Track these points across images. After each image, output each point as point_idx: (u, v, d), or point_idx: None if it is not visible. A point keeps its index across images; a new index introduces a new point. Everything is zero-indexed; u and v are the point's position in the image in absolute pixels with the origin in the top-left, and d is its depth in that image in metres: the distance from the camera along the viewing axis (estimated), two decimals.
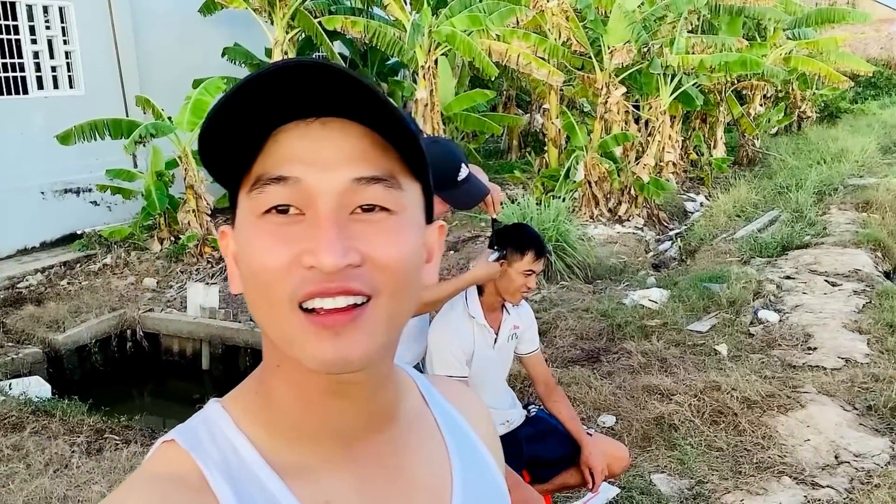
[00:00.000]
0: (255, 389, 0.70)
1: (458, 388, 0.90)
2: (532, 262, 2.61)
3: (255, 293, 0.63)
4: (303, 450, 0.68)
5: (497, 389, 2.88)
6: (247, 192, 0.63)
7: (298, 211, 0.61)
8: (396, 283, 0.63)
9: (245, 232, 0.63)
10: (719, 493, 3.54)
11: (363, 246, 0.61)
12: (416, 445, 0.75)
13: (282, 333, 0.63)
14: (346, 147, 0.61)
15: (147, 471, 0.65)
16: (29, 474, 3.87)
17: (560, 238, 7.49)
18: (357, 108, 0.60)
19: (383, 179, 0.62)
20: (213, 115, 0.60)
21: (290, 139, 0.61)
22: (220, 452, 0.66)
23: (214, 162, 0.65)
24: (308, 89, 0.59)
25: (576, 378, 4.78)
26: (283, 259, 0.60)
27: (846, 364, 4.92)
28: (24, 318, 7.02)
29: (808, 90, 17.62)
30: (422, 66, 9.87)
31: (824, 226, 8.84)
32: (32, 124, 9.22)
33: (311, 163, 0.61)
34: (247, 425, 0.68)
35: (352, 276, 0.60)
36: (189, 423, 0.69)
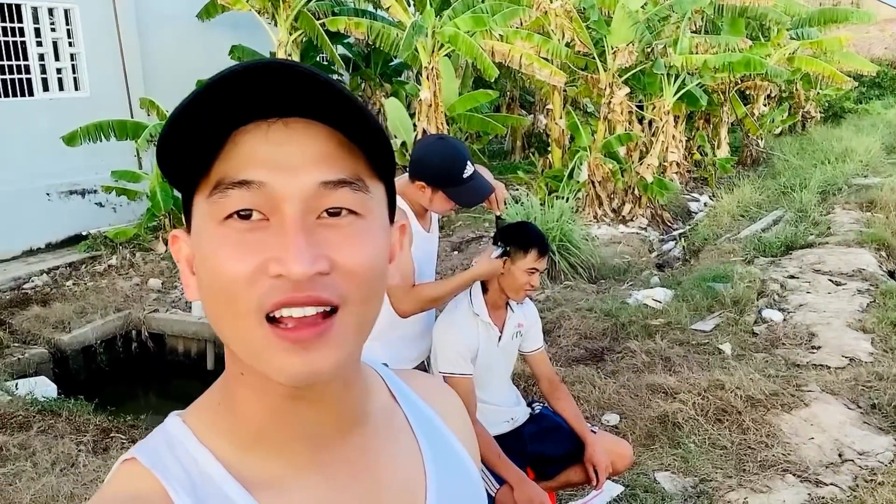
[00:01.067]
0: (218, 400, 0.69)
1: (429, 381, 0.88)
2: (535, 259, 2.63)
3: (219, 304, 0.60)
4: (269, 459, 0.66)
5: (501, 387, 2.90)
6: (206, 197, 0.60)
7: (262, 216, 0.59)
8: (365, 290, 0.62)
9: (205, 238, 0.60)
10: (723, 490, 3.55)
11: (331, 252, 0.59)
12: (386, 445, 0.73)
13: (247, 347, 0.60)
14: (311, 149, 0.59)
15: (109, 491, 0.63)
16: (36, 473, 3.90)
17: (564, 238, 7.50)
18: (321, 107, 0.59)
19: (350, 182, 0.60)
20: (174, 119, 0.58)
21: (251, 141, 0.59)
22: (182, 469, 0.64)
23: (171, 163, 0.62)
24: (270, 89, 0.57)
25: (580, 377, 4.79)
26: (249, 268, 0.58)
27: (850, 363, 4.92)
28: (30, 319, 7.05)
29: (812, 90, 17.60)
30: (425, 67, 9.89)
31: (828, 225, 8.83)
32: (38, 126, 9.27)
33: (275, 166, 0.58)
34: (210, 438, 0.66)
35: (320, 284, 0.58)
36: (149, 440, 0.67)
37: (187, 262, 0.66)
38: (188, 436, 0.66)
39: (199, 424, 0.67)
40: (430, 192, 2.48)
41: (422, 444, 0.76)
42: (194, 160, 0.60)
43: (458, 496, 0.75)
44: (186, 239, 0.65)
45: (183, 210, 0.65)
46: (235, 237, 0.59)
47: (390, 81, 13.45)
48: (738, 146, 15.43)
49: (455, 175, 2.46)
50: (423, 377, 0.88)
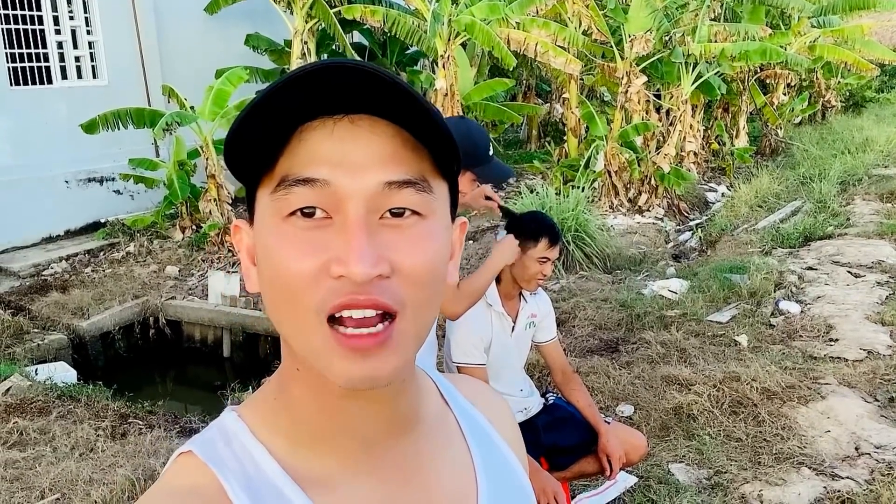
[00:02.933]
0: (274, 396, 0.69)
1: (479, 387, 0.88)
2: (546, 248, 2.62)
3: (279, 300, 0.61)
4: (322, 458, 0.66)
5: (515, 377, 2.90)
6: (270, 192, 0.60)
7: (325, 214, 0.59)
8: (424, 294, 0.61)
9: (268, 234, 0.61)
10: (738, 483, 3.53)
11: (393, 254, 0.59)
12: (438, 449, 0.73)
13: (308, 346, 0.61)
14: (377, 147, 0.59)
15: (166, 484, 0.64)
16: (55, 457, 3.95)
17: (579, 228, 7.47)
18: (388, 105, 0.58)
19: (415, 183, 0.60)
20: (244, 116, 0.58)
21: (316, 138, 0.59)
22: (238, 463, 0.64)
23: (237, 158, 0.62)
24: (336, 86, 0.57)
25: (594, 368, 4.78)
26: (311, 267, 0.58)
27: (868, 356, 4.88)
28: (50, 305, 7.14)
29: (832, 79, 17.38)
30: (441, 56, 9.86)
31: (848, 216, 8.74)
32: (56, 114, 9.34)
33: (339, 164, 0.58)
34: (265, 434, 0.67)
35: (381, 288, 0.58)
36: (206, 434, 0.68)
37: (248, 252, 0.66)
38: (244, 431, 0.67)
39: (254, 420, 0.68)
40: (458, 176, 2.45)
41: (473, 451, 0.76)
42: (259, 155, 0.60)
43: (508, 501, 0.75)
44: (248, 230, 0.66)
45: (246, 202, 0.65)
46: (298, 235, 0.58)
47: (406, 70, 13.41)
48: (756, 136, 15.28)
49: (483, 152, 2.44)
50: (473, 383, 0.88)
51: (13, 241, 8.91)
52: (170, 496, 0.62)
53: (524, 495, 0.78)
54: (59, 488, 3.61)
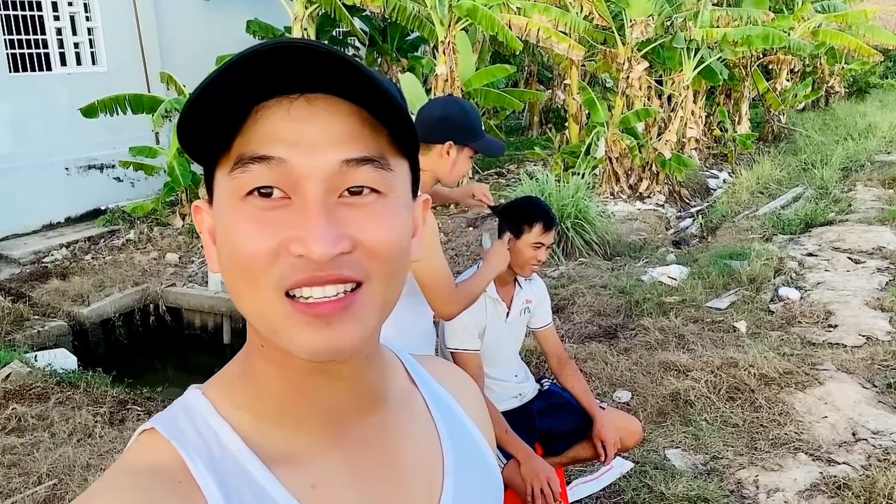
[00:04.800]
0: (239, 373, 0.68)
1: (446, 366, 0.88)
2: (541, 233, 2.61)
3: (237, 279, 0.60)
4: (288, 434, 0.66)
5: (510, 363, 2.89)
6: (227, 172, 0.60)
7: (283, 194, 0.58)
8: (388, 267, 0.61)
9: (226, 214, 0.60)
10: (734, 468, 3.54)
11: (353, 231, 0.59)
12: (405, 426, 0.74)
13: (267, 322, 0.60)
14: (334, 126, 0.59)
15: (127, 462, 0.63)
16: (53, 443, 3.96)
17: (579, 215, 7.45)
18: (344, 84, 0.58)
19: (373, 160, 0.60)
20: (196, 97, 0.57)
21: (273, 117, 0.58)
22: (202, 441, 0.63)
23: (192, 138, 0.61)
24: (292, 65, 0.56)
25: (592, 354, 4.78)
26: (268, 245, 0.57)
27: (867, 342, 4.87)
28: (50, 292, 7.15)
29: (836, 65, 17.27)
30: (442, 42, 9.80)
31: (849, 203, 8.71)
32: (56, 101, 9.33)
33: (295, 143, 0.58)
34: (229, 411, 0.66)
35: (342, 263, 0.58)
36: (169, 411, 0.67)
37: (210, 232, 0.65)
38: (208, 408, 0.66)
39: (218, 397, 0.67)
40: (456, 153, 2.42)
41: (439, 427, 0.76)
42: (215, 135, 0.59)
43: (474, 479, 0.75)
44: (209, 210, 0.65)
45: (205, 183, 0.65)
46: (256, 214, 0.58)
47: (407, 56, 13.34)
48: (759, 122, 15.20)
49: (478, 125, 2.46)
50: (439, 362, 0.88)
51: (13, 228, 8.92)
52: (132, 475, 0.61)
53: (488, 470, 0.79)
54: (57, 474, 3.62)
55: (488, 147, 2.51)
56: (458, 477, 0.73)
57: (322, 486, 0.65)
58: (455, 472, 0.73)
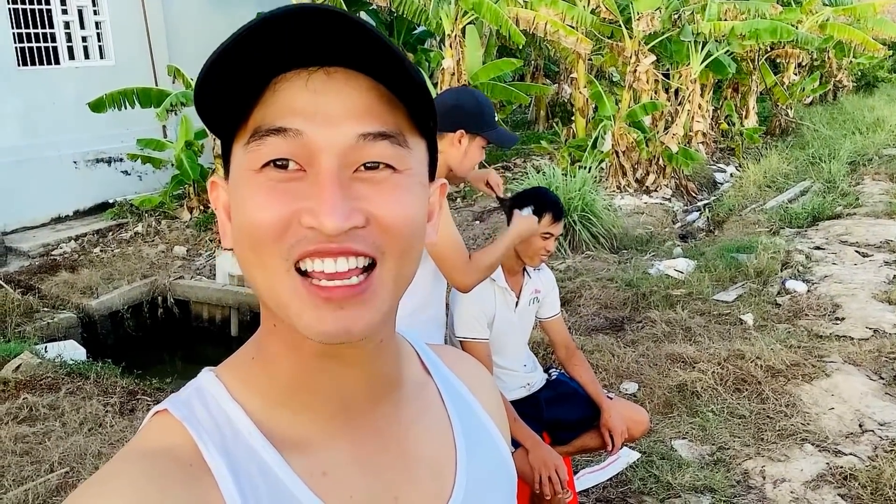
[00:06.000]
0: (252, 355, 0.68)
1: (460, 355, 0.87)
2: (550, 224, 2.62)
3: (247, 250, 0.59)
4: (300, 419, 0.65)
5: (518, 352, 2.91)
6: (244, 145, 0.59)
7: (298, 167, 0.57)
8: (403, 245, 0.60)
9: (240, 185, 0.59)
10: (740, 459, 3.55)
11: (367, 206, 0.57)
12: (418, 415, 0.73)
13: (276, 297, 0.59)
14: (352, 100, 0.58)
15: (139, 443, 0.62)
16: (65, 432, 4.01)
17: (586, 208, 7.45)
18: (364, 58, 0.56)
19: (390, 136, 0.59)
20: (212, 63, 0.56)
21: (291, 89, 0.57)
22: (214, 423, 0.63)
23: (210, 110, 0.60)
24: (312, 37, 0.55)
25: (599, 346, 4.79)
26: (280, 215, 0.57)
27: (874, 334, 4.87)
28: (59, 284, 7.20)
29: (844, 58, 17.19)
30: (448, 35, 9.80)
31: (857, 196, 8.69)
32: (64, 94, 9.37)
33: (313, 116, 0.57)
34: (242, 394, 0.65)
35: (355, 237, 0.57)
36: (182, 394, 0.66)
37: (225, 209, 0.65)
38: (220, 391, 0.66)
39: (231, 380, 0.67)
40: (468, 142, 2.44)
41: (452, 418, 0.75)
42: (233, 106, 0.59)
43: (487, 471, 0.75)
44: (225, 186, 0.64)
45: (222, 157, 0.64)
46: (270, 185, 0.57)
47: (414, 50, 13.34)
48: (766, 116, 15.15)
49: (491, 116, 2.47)
50: (454, 351, 0.87)
51: (23, 222, 8.98)
52: (143, 456, 0.60)
53: (502, 462, 0.78)
54: (68, 462, 3.66)
55: (500, 138, 2.52)
56: (471, 469, 0.72)
57: (332, 474, 0.65)
58: (468, 465, 0.72)
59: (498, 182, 2.76)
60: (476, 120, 2.44)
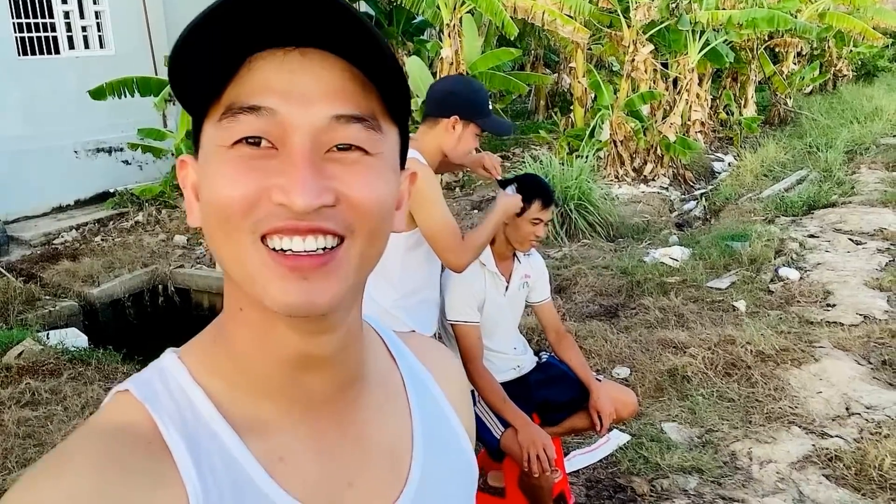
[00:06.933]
0: (213, 338, 0.68)
1: (429, 343, 0.87)
2: (539, 210, 2.68)
3: (215, 224, 0.59)
4: (260, 404, 0.66)
5: (508, 335, 2.97)
6: (216, 121, 0.59)
7: (271, 145, 0.57)
8: (371, 225, 0.60)
9: (210, 162, 0.59)
10: (728, 441, 3.62)
11: (338, 185, 0.58)
12: (379, 404, 0.73)
13: (242, 269, 0.59)
14: (327, 81, 0.58)
15: (98, 421, 0.62)
16: (66, 416, 4.08)
17: (582, 197, 7.51)
18: (340, 40, 0.57)
19: (363, 119, 0.59)
20: (184, 38, 0.56)
21: (266, 68, 0.57)
22: (175, 404, 0.63)
23: (184, 86, 0.60)
24: (288, 16, 0.55)
25: (592, 332, 4.86)
26: (250, 190, 0.57)
27: (864, 320, 4.93)
28: (61, 273, 7.26)
29: (844, 48, 17.19)
30: (447, 25, 9.82)
31: (852, 185, 8.74)
32: (65, 84, 9.40)
33: (287, 95, 0.57)
34: (204, 377, 0.66)
35: (325, 215, 0.57)
36: (144, 374, 0.66)
37: (193, 188, 0.65)
38: (182, 372, 0.66)
39: (193, 361, 0.67)
40: (462, 128, 2.48)
41: (413, 407, 0.75)
42: (207, 83, 0.59)
43: (445, 462, 0.75)
44: (195, 165, 0.64)
45: (192, 135, 0.64)
46: (241, 161, 0.57)
47: (413, 39, 13.36)
48: (765, 105, 15.18)
49: (485, 104, 2.52)
50: (424, 340, 0.87)
51: (24, 211, 9.04)
52: (102, 434, 0.60)
53: (461, 454, 0.78)
54: None
55: (494, 126, 2.57)
56: (428, 459, 0.73)
57: (289, 459, 0.65)
58: (424, 455, 0.73)
59: (494, 163, 2.80)
60: (470, 107, 2.49)
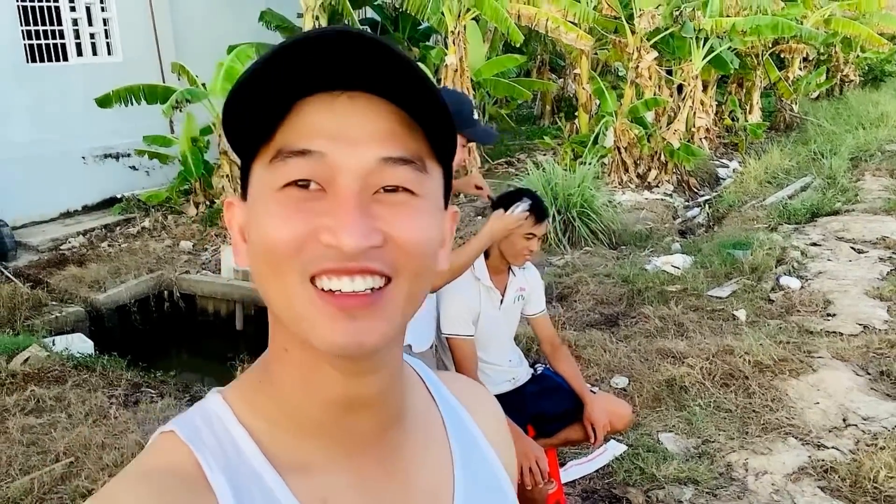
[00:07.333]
0: (259, 378, 0.69)
1: (467, 383, 0.87)
2: (532, 225, 2.71)
3: (264, 265, 0.60)
4: (304, 445, 0.66)
5: (503, 348, 3.01)
6: (266, 164, 0.60)
7: (319, 187, 0.58)
8: (417, 265, 0.61)
9: (260, 204, 0.60)
10: (724, 452, 3.64)
11: (385, 226, 0.58)
12: (420, 445, 0.73)
13: (291, 309, 0.60)
14: (375, 124, 0.59)
15: (143, 462, 0.63)
16: (70, 423, 4.13)
17: (585, 204, 7.53)
18: (387, 83, 0.58)
19: (411, 161, 0.60)
20: (241, 83, 0.58)
21: (314, 112, 0.59)
22: (219, 445, 0.64)
23: (235, 130, 0.62)
24: (335, 60, 0.56)
25: (592, 341, 4.88)
26: (299, 231, 0.58)
27: (864, 330, 4.94)
28: (67, 279, 7.33)
29: (851, 53, 17.15)
30: (451, 32, 9.87)
31: (856, 192, 8.73)
32: (73, 91, 9.49)
33: (336, 138, 0.58)
34: (247, 417, 0.66)
35: (372, 256, 0.57)
36: (188, 415, 0.67)
37: (240, 229, 0.66)
38: (227, 413, 0.66)
39: (237, 401, 0.68)
40: None
41: (453, 448, 0.75)
42: (257, 127, 0.60)
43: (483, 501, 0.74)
44: (241, 205, 0.65)
45: (241, 177, 0.65)
46: (290, 203, 0.58)
47: (419, 46, 13.42)
48: (771, 111, 15.16)
49: (469, 114, 2.55)
50: (460, 378, 0.88)
51: (32, 216, 9.12)
52: (146, 475, 0.62)
53: (501, 494, 0.77)
54: (73, 452, 3.79)
55: (480, 135, 2.62)
56: (468, 496, 0.72)
57: (332, 500, 0.65)
58: (465, 492, 0.72)
59: (483, 184, 2.88)
60: (455, 118, 2.54)
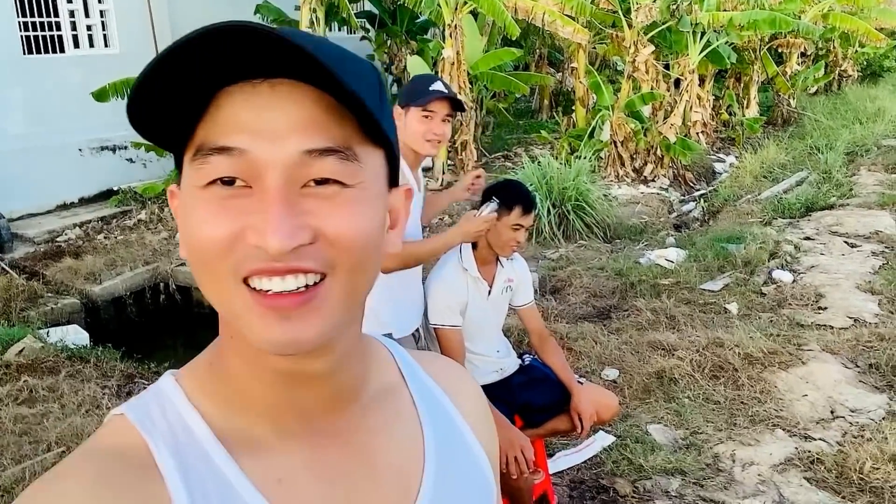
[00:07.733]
0: (210, 361, 0.68)
1: (444, 363, 0.84)
2: (519, 216, 2.73)
3: (199, 265, 0.59)
4: (256, 425, 0.65)
5: (491, 339, 3.03)
6: (190, 160, 0.58)
7: (245, 184, 0.56)
8: (353, 260, 0.59)
9: (188, 201, 0.59)
10: (712, 443, 3.67)
11: (315, 221, 0.56)
12: (386, 423, 0.71)
13: (228, 308, 0.59)
14: (297, 114, 0.56)
15: (92, 445, 0.63)
16: (63, 413, 4.15)
17: (580, 198, 7.54)
18: (308, 68, 0.54)
19: (338, 151, 0.57)
20: (143, 79, 0.54)
21: (234, 104, 0.56)
22: (169, 427, 0.63)
23: (152, 124, 0.58)
24: (253, 49, 0.54)
25: (583, 333, 4.91)
26: (225, 232, 0.56)
27: (854, 323, 4.97)
28: (63, 270, 7.34)
29: (849, 48, 17.15)
30: (448, 25, 9.86)
31: (851, 187, 8.75)
32: (69, 82, 9.49)
33: (257, 132, 0.55)
34: (199, 398, 0.66)
35: (303, 254, 0.56)
36: (141, 397, 0.67)
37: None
38: (179, 395, 0.66)
39: (190, 383, 0.67)
40: (405, 116, 2.59)
41: (425, 427, 0.73)
42: (176, 123, 0.57)
43: (460, 481, 0.72)
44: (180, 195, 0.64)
45: (175, 167, 0.63)
46: (216, 202, 0.56)
47: (416, 39, 13.40)
48: (768, 105, 15.17)
49: (421, 87, 2.61)
50: (438, 359, 0.85)
51: (28, 208, 9.13)
52: (94, 457, 0.61)
53: (479, 474, 0.75)
54: (65, 442, 3.81)
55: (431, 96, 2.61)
56: (440, 480, 0.70)
57: (288, 481, 0.64)
58: (436, 475, 0.70)
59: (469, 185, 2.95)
60: (406, 95, 2.63)
